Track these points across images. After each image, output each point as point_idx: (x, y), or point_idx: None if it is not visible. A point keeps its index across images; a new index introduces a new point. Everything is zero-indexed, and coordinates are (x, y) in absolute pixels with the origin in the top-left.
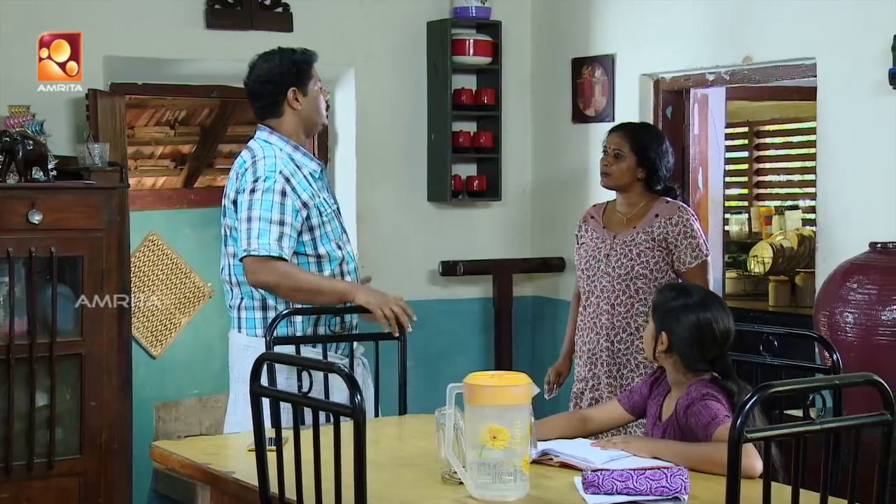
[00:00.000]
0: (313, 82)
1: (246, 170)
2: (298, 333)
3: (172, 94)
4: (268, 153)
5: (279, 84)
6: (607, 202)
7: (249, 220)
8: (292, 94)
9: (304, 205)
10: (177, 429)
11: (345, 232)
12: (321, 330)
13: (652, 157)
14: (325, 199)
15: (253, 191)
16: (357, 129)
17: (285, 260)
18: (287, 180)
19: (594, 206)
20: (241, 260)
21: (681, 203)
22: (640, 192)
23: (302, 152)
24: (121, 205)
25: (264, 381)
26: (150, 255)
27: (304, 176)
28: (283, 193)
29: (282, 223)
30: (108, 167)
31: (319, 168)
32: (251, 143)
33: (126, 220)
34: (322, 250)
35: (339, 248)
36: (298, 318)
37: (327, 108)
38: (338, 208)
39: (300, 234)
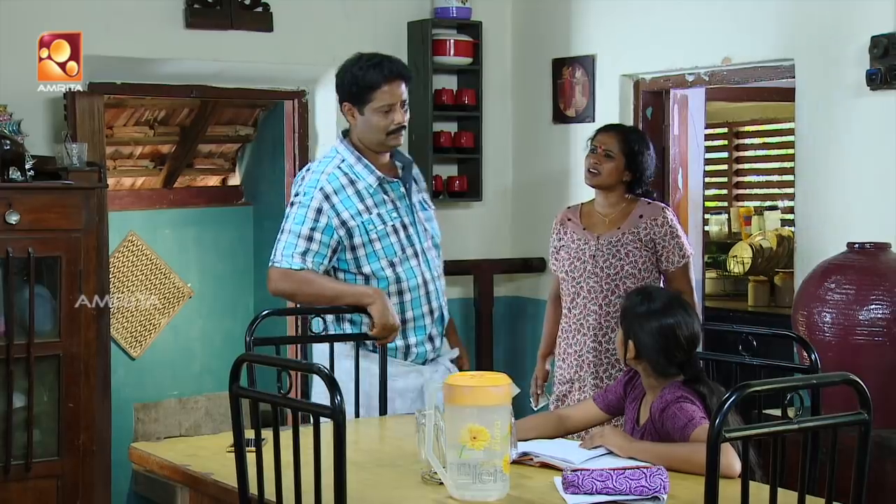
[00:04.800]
0: (374, 105)
1: (301, 179)
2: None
3: (151, 93)
4: (320, 167)
5: (339, 95)
6: (581, 204)
7: (282, 231)
8: (346, 109)
9: (343, 223)
10: (156, 430)
11: (410, 246)
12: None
13: (640, 161)
14: (382, 213)
15: (292, 204)
16: (338, 129)
17: (307, 270)
18: (327, 197)
19: (569, 208)
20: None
21: (662, 204)
22: (621, 194)
23: (364, 164)
24: (99, 205)
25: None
26: (130, 255)
27: (357, 191)
28: (319, 210)
29: (310, 239)
30: (86, 167)
31: (377, 182)
32: (326, 150)
33: (105, 221)
34: (367, 269)
35: (393, 266)
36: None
37: (396, 129)
38: (412, 220)
39: (336, 251)
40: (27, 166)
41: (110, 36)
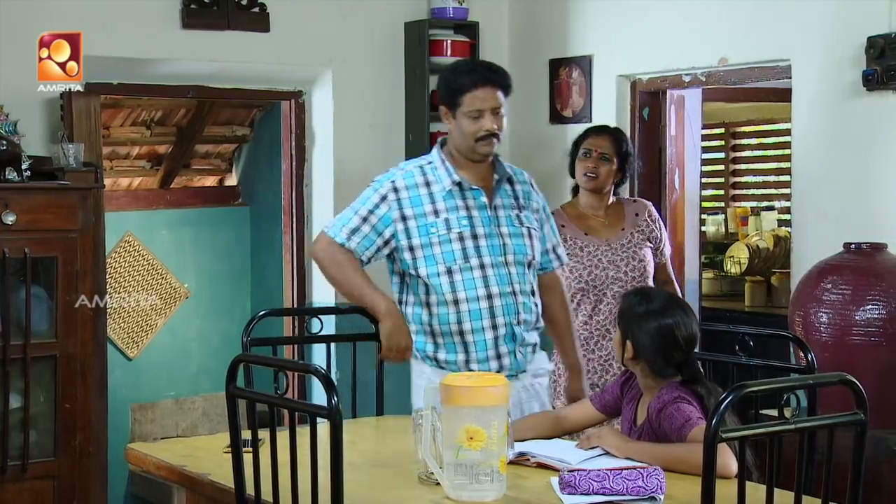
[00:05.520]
0: (464, 109)
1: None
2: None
3: (148, 94)
4: (405, 164)
5: (440, 96)
6: (562, 208)
7: (347, 206)
8: (443, 113)
9: (404, 219)
10: (153, 431)
11: (476, 256)
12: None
13: (630, 162)
14: (450, 219)
15: (369, 186)
16: (334, 129)
17: (349, 251)
18: (395, 190)
19: (555, 214)
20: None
21: (642, 199)
22: (610, 194)
23: (446, 167)
24: (96, 205)
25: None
26: (126, 255)
27: (431, 192)
28: (384, 198)
29: (364, 219)
30: (82, 167)
31: (451, 184)
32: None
33: (101, 221)
34: (423, 272)
35: (450, 273)
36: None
37: (486, 135)
38: (487, 232)
39: (388, 244)
40: (24, 166)
41: (107, 36)
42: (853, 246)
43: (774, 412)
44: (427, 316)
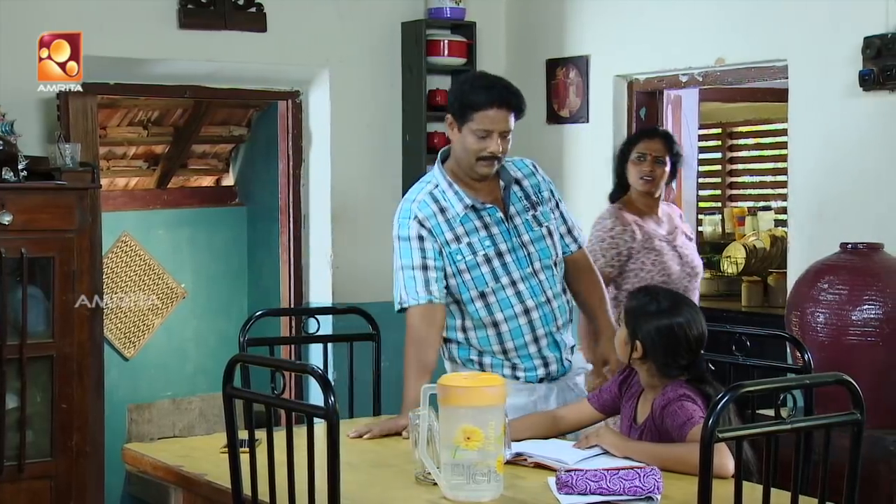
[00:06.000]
0: (472, 126)
1: (399, 210)
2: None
3: (145, 94)
4: (412, 194)
5: (449, 104)
6: (626, 209)
7: (396, 271)
8: (449, 122)
9: (441, 249)
10: (150, 431)
11: (507, 274)
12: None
13: (680, 164)
14: (472, 242)
15: (397, 239)
16: (331, 129)
17: (434, 309)
18: (422, 224)
19: (617, 212)
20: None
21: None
22: (660, 197)
23: (455, 191)
24: (92, 205)
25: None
26: (123, 255)
27: (448, 219)
28: (421, 238)
29: (425, 268)
30: (79, 167)
31: (465, 209)
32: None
33: (98, 221)
34: (458, 297)
35: (484, 297)
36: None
37: (488, 157)
38: (510, 247)
39: (446, 275)
40: (20, 167)
41: (104, 36)
42: (850, 246)
43: (771, 412)
44: (463, 336)
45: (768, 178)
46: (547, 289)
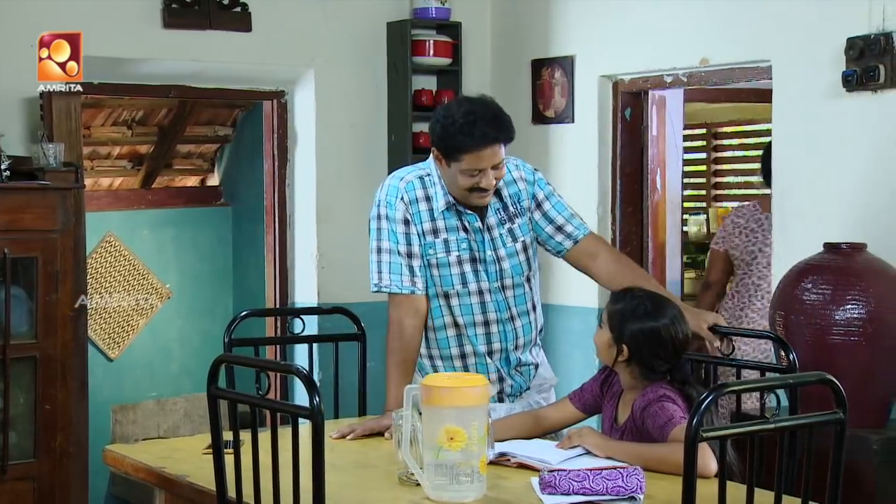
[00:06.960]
0: (461, 166)
1: (383, 185)
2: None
3: (129, 93)
4: (402, 171)
5: (432, 140)
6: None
7: (377, 251)
8: (435, 155)
9: (418, 234)
10: (134, 432)
11: (475, 282)
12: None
13: None
14: (449, 240)
15: (378, 217)
16: (317, 129)
17: (414, 299)
18: (406, 206)
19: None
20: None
21: None
22: None
23: (442, 184)
24: (76, 205)
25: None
26: (108, 256)
27: (430, 208)
28: (406, 222)
29: (410, 255)
30: (62, 167)
31: (446, 206)
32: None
33: (82, 221)
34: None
35: (447, 297)
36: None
37: (482, 190)
38: (484, 258)
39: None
40: (3, 166)
41: (88, 36)
42: (833, 246)
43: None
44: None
45: (753, 179)
46: (512, 306)
